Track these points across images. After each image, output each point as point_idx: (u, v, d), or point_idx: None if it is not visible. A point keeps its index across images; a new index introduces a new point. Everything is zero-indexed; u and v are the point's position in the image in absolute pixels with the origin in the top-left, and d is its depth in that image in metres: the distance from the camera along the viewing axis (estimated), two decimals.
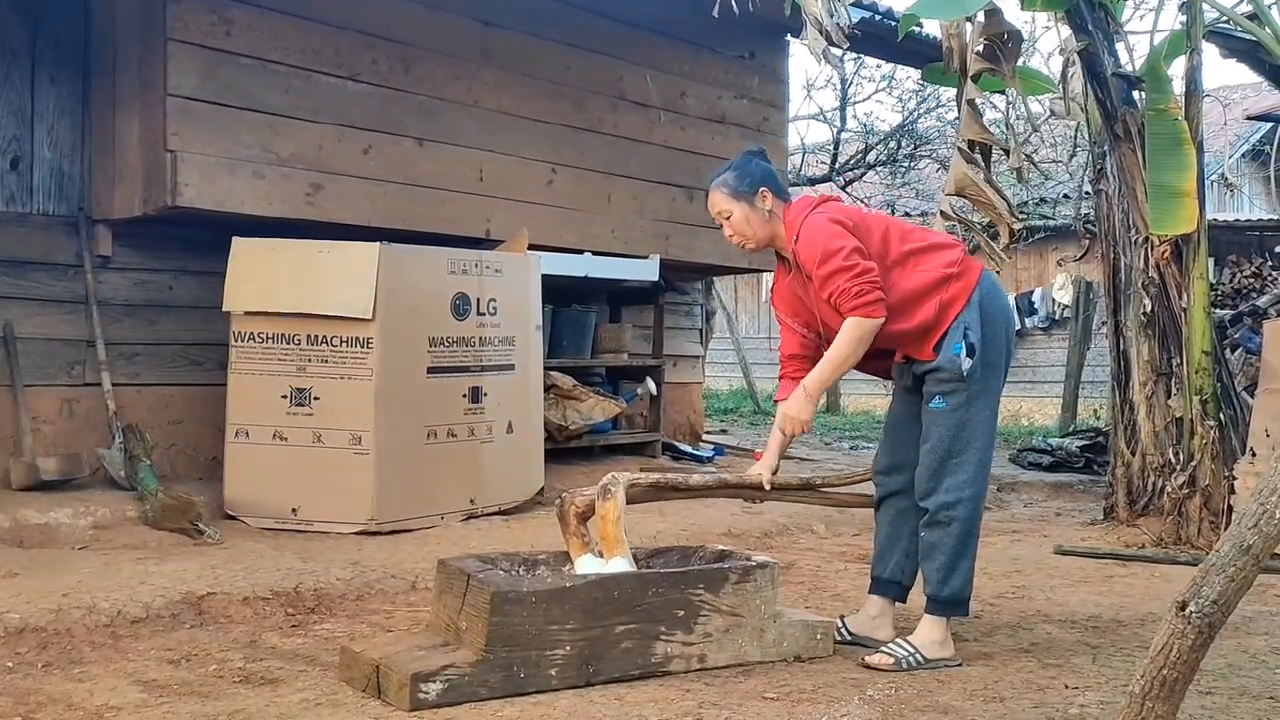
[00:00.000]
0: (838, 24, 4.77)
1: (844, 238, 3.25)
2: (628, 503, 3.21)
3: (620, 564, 3.15)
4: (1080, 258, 8.16)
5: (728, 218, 3.44)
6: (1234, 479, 5.16)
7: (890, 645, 3.29)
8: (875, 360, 3.42)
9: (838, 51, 5.34)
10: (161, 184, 5.07)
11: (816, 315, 3.40)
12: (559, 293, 6.55)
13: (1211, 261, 6.47)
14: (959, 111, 5.53)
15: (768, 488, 3.47)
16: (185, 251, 5.69)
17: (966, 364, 3.26)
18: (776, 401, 3.54)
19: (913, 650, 3.24)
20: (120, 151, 5.30)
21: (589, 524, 3.25)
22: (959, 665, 3.26)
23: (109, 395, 5.34)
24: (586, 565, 3.20)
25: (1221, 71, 42.47)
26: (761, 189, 3.41)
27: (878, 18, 7.58)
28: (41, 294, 5.32)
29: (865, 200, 13.69)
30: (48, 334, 5.32)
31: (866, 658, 3.26)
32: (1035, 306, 14.54)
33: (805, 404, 3.35)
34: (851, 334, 3.24)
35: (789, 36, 7.93)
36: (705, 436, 8.82)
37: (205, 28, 5.13)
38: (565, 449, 6.60)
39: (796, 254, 3.34)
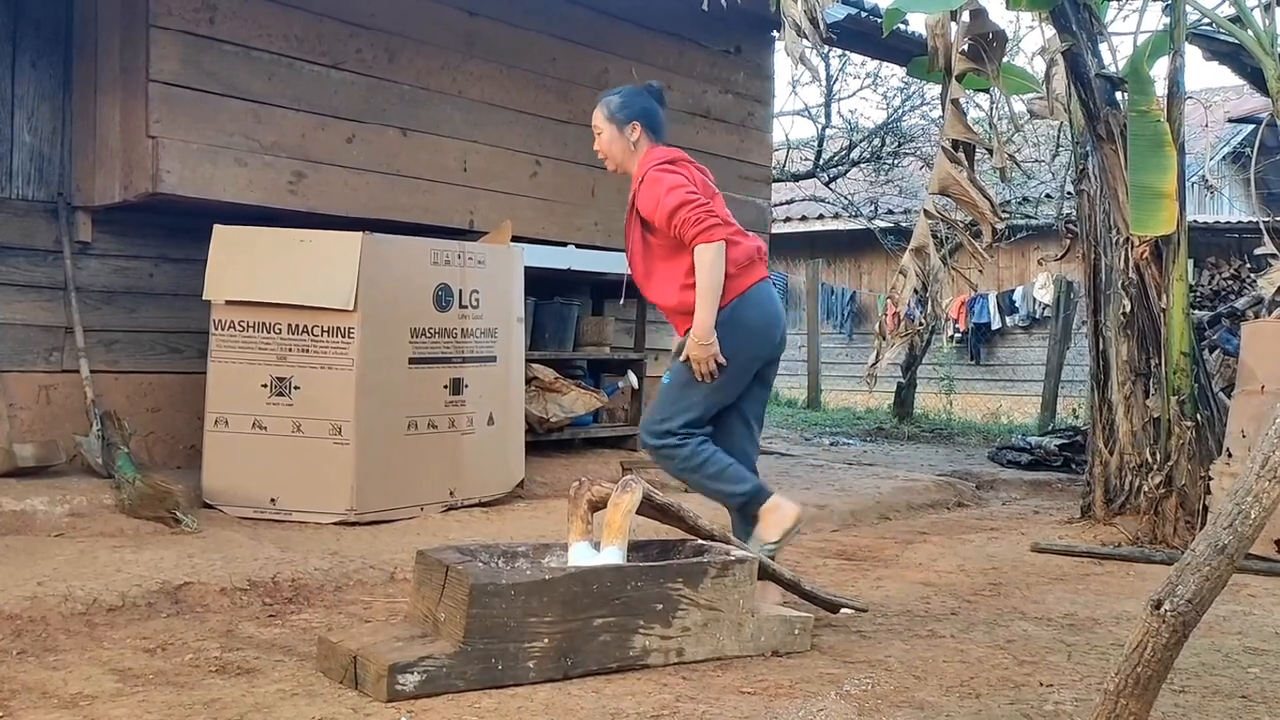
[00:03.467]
0: (817, 27, 4.76)
1: (684, 184, 3.66)
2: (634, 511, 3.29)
3: (614, 553, 3.18)
4: (1061, 257, 8.18)
5: (599, 134, 3.89)
6: (1210, 479, 5.20)
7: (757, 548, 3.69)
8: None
9: (817, 59, 5.35)
10: (142, 170, 5.04)
11: (627, 251, 3.89)
12: (542, 285, 6.54)
13: (1191, 263, 6.51)
14: (943, 110, 5.54)
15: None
16: (166, 239, 5.66)
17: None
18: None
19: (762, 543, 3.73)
20: (101, 137, 5.27)
21: (597, 513, 3.32)
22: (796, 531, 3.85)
23: (87, 382, 5.31)
24: (580, 552, 3.24)
25: (1204, 73, 42.73)
26: (634, 122, 3.84)
27: (863, 14, 7.59)
28: (20, 279, 5.28)
29: (849, 196, 13.70)
30: (25, 320, 5.28)
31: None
32: (1016, 305, 14.60)
33: (707, 342, 3.66)
34: (704, 260, 3.62)
35: (775, 32, 7.93)
36: None
37: (188, 14, 5.10)
38: (546, 441, 6.59)
39: (635, 194, 3.76)
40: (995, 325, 14.79)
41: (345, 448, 4.93)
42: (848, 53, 11.66)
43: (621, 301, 6.58)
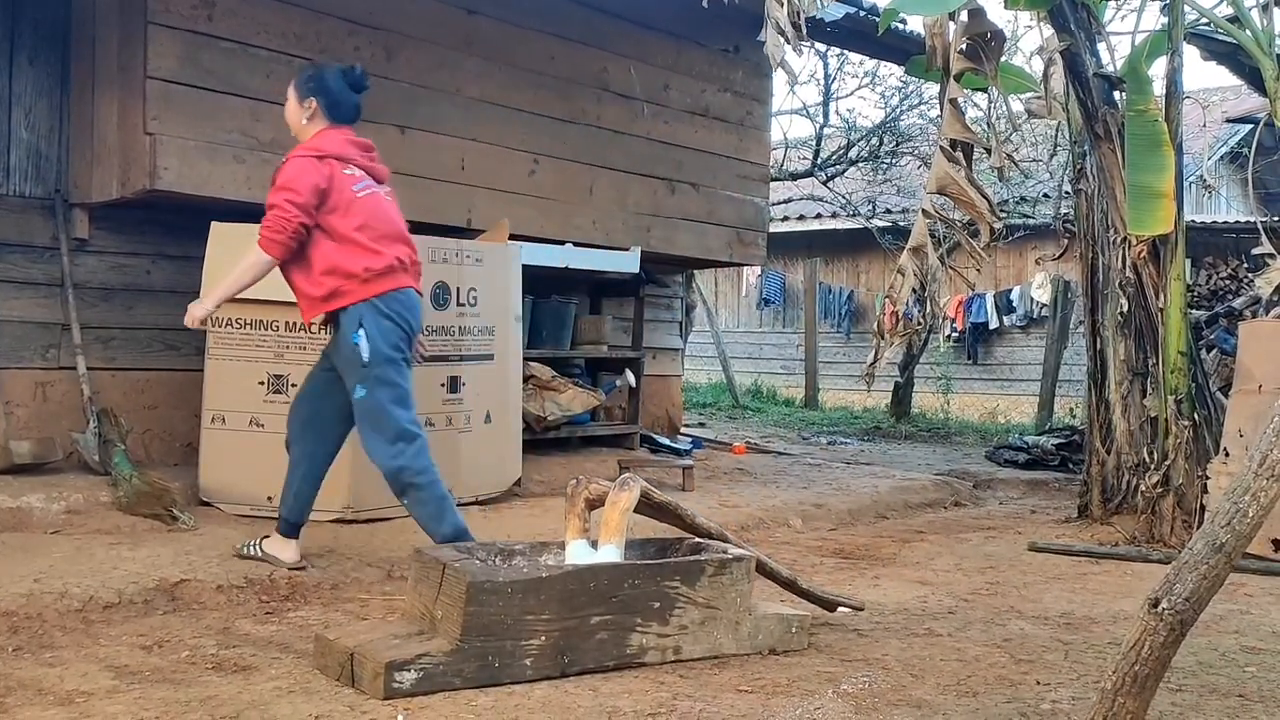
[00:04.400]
0: (800, 30, 4.76)
1: (303, 186, 3.83)
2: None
3: (611, 551, 3.19)
4: (1059, 257, 8.21)
5: (287, 100, 4.09)
6: (1207, 478, 5.21)
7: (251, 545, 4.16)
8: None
9: (796, 61, 5.34)
10: (140, 167, 5.03)
11: None
12: (539, 283, 6.54)
13: (1188, 263, 6.51)
14: (941, 110, 5.54)
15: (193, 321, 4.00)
16: (163, 236, 5.65)
17: (365, 352, 3.86)
18: None
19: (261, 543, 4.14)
20: (99, 134, 5.26)
21: (594, 512, 3.31)
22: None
23: (84, 379, 5.30)
24: (577, 550, 3.23)
25: (1202, 73, 42.74)
26: (311, 98, 4.03)
27: (861, 13, 7.58)
28: (17, 276, 5.27)
29: (847, 195, 13.69)
30: (22, 316, 5.27)
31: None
32: (1014, 305, 14.59)
33: (200, 303, 4.00)
34: (249, 258, 3.89)
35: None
36: (683, 429, 8.83)
37: (186, 11, 5.09)
38: (543, 440, 6.59)
39: (278, 170, 3.96)
40: (993, 325, 14.78)
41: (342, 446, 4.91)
42: (846, 51, 11.65)
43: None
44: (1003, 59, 5.49)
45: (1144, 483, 5.49)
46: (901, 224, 13.17)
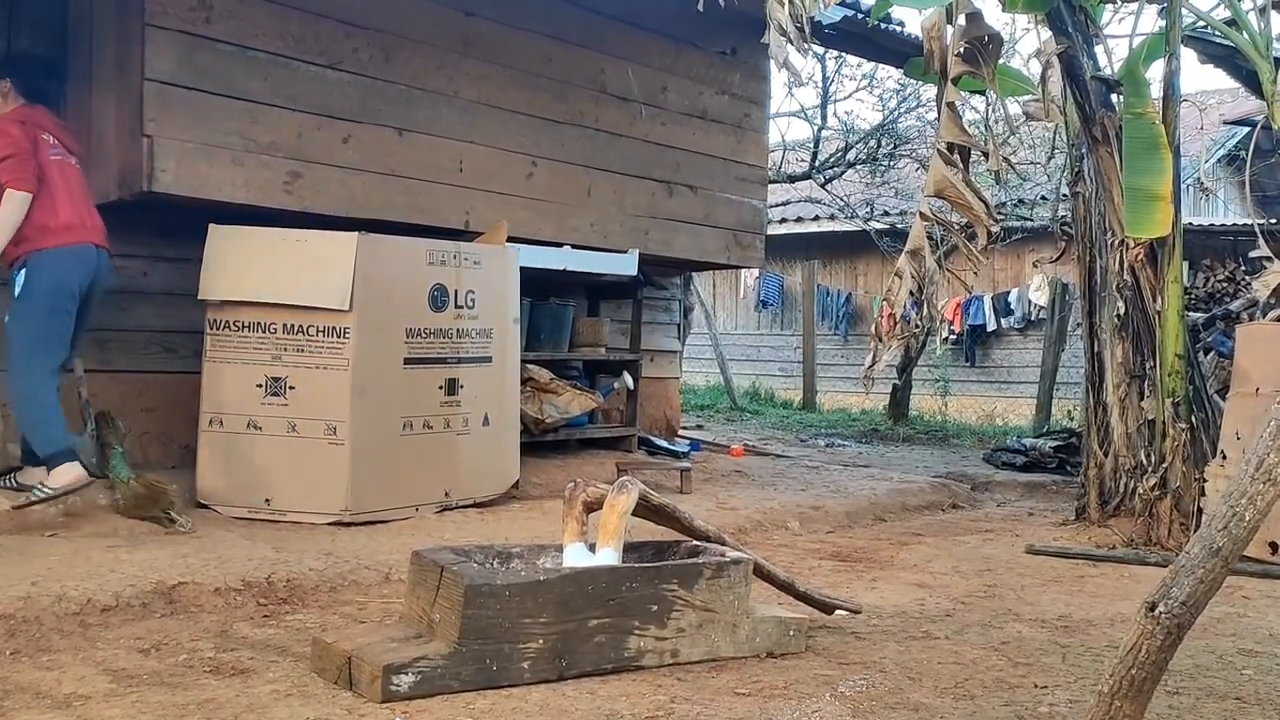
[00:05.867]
0: (803, 30, 4.76)
1: (17, 137, 4.50)
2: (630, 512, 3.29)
3: (609, 554, 3.19)
4: (1056, 259, 8.20)
5: None
6: (1204, 481, 5.21)
7: (35, 489, 4.55)
8: None
9: (799, 62, 5.36)
10: (137, 169, 5.02)
11: None
12: (537, 285, 6.54)
13: (1186, 265, 6.51)
14: (939, 113, 5.54)
15: None
16: (160, 238, 5.64)
17: (18, 287, 4.52)
18: None
19: (40, 484, 4.55)
20: (96, 135, 5.25)
21: (592, 514, 3.31)
22: (76, 491, 4.54)
23: (81, 382, 5.28)
24: (575, 553, 3.24)
25: (1199, 76, 42.80)
26: (5, 81, 4.67)
27: (860, 16, 7.59)
28: None
29: (845, 198, 13.68)
30: None
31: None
32: (1011, 307, 14.60)
33: None
34: (6, 206, 4.46)
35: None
36: (681, 431, 8.83)
37: (184, 13, 5.09)
38: (541, 442, 6.60)
39: None
40: (990, 327, 14.80)
41: (340, 448, 4.92)
42: (844, 54, 11.65)
43: None
44: (1000, 62, 5.49)
45: (1141, 485, 5.49)
46: (899, 226, 13.17)
